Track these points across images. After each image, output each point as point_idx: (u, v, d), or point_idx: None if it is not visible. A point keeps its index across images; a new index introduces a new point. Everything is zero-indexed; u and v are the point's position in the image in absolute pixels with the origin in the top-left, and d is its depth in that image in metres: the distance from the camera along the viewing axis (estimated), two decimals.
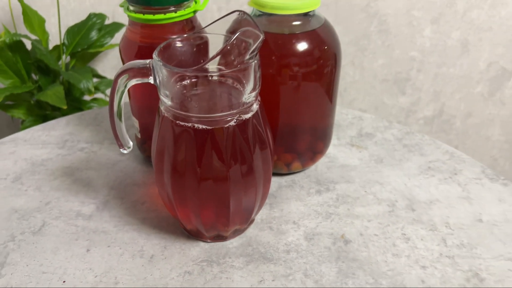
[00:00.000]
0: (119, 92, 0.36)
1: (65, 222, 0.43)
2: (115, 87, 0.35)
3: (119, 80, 0.35)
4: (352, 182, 0.48)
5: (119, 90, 0.35)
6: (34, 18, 0.75)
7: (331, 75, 0.45)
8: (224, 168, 0.35)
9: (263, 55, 0.42)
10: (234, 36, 0.31)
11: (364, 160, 0.52)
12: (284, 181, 0.49)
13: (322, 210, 0.45)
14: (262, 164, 0.38)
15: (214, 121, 0.34)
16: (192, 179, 0.35)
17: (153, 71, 0.34)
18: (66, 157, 0.52)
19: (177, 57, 0.37)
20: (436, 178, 0.49)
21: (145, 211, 0.44)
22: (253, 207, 0.39)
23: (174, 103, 0.34)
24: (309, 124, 0.47)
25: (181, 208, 0.38)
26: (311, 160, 0.49)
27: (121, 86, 0.35)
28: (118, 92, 0.36)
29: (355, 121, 0.59)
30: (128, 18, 0.44)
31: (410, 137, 0.56)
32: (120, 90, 0.36)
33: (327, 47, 0.44)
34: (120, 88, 0.35)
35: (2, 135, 0.91)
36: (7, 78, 0.73)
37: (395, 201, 0.46)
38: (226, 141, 0.35)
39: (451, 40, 0.95)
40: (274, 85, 0.43)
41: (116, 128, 0.37)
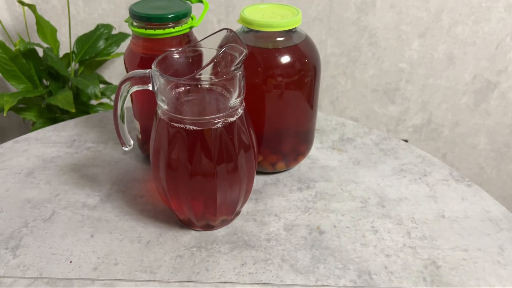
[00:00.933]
0: (122, 97, 0.41)
1: (72, 211, 0.49)
2: (119, 93, 0.41)
3: (122, 86, 0.41)
4: (330, 181, 0.54)
5: (122, 95, 0.41)
6: (46, 28, 0.81)
7: (311, 84, 0.50)
8: (212, 165, 0.41)
9: (250, 66, 0.48)
10: (221, 51, 0.37)
11: (343, 162, 0.57)
12: (269, 179, 0.54)
13: (301, 205, 0.50)
14: (246, 163, 0.43)
15: (203, 123, 0.39)
16: (184, 175, 0.41)
17: (152, 79, 0.40)
18: (73, 155, 0.58)
19: (173, 67, 0.43)
20: (407, 179, 0.54)
21: (143, 204, 0.50)
22: (238, 201, 0.45)
23: (169, 107, 0.40)
24: (292, 128, 0.52)
25: (175, 200, 0.43)
26: (294, 161, 0.54)
27: (124, 92, 0.41)
28: (121, 97, 0.41)
29: (338, 127, 0.65)
30: (132, 32, 0.49)
31: (387, 142, 0.61)
32: (123, 96, 0.41)
33: (307, 60, 0.49)
34: (123, 93, 0.41)
35: (13, 136, 0.97)
36: (21, 83, 0.79)
37: (367, 198, 0.51)
38: (214, 141, 0.40)
39: (437, 53, 1.01)
40: (260, 93, 0.48)
41: (119, 128, 0.43)
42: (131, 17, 0.48)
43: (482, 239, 0.46)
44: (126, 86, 0.41)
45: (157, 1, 0.50)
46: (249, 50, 0.48)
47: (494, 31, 0.98)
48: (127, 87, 0.41)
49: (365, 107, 1.09)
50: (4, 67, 0.77)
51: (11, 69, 0.77)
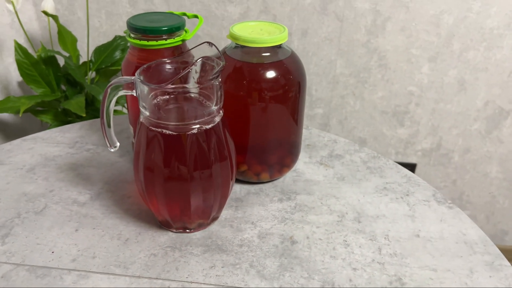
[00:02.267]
0: (108, 100, 0.44)
1: (63, 206, 0.52)
2: (106, 96, 0.44)
3: (109, 90, 0.44)
4: (312, 194, 0.55)
5: (108, 99, 0.44)
6: (67, 37, 0.87)
7: (295, 99, 0.52)
8: (186, 170, 0.43)
9: (236, 79, 0.50)
10: (194, 62, 0.40)
11: (328, 177, 0.58)
12: (253, 189, 0.56)
13: (279, 215, 0.52)
14: (222, 170, 0.45)
15: (179, 128, 0.42)
16: (160, 178, 0.43)
17: (135, 85, 0.43)
18: (73, 155, 0.61)
19: (160, 76, 0.46)
20: (388, 197, 0.55)
21: (129, 204, 0.53)
22: (212, 206, 0.47)
23: (148, 112, 0.43)
24: (276, 140, 0.54)
25: (152, 202, 0.46)
26: (279, 172, 0.56)
27: (111, 95, 0.44)
28: (108, 100, 0.44)
29: (330, 143, 0.66)
30: (129, 43, 0.53)
31: (375, 161, 0.62)
32: (109, 99, 0.44)
33: (292, 76, 0.51)
34: (109, 97, 0.44)
35: None
36: (40, 87, 0.85)
37: (345, 213, 0.52)
38: (189, 147, 0.42)
39: (448, 77, 1.01)
40: (245, 105, 0.51)
41: (105, 130, 0.46)
42: (128, 29, 0.51)
43: (453, 261, 0.46)
44: (112, 90, 0.44)
45: (154, 15, 0.53)
46: (235, 64, 0.51)
47: (507, 59, 0.97)
48: (113, 91, 0.44)
49: (374, 128, 1.09)
50: (26, 72, 0.83)
51: (32, 74, 0.83)
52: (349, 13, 0.96)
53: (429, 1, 0.93)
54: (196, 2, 0.99)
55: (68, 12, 1.02)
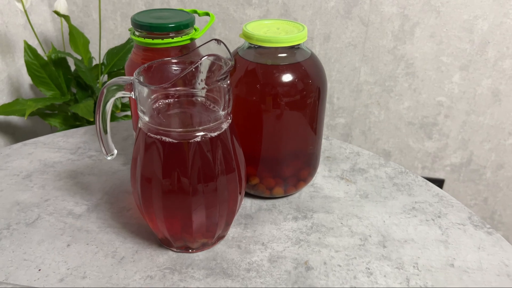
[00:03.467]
0: (103, 102, 0.40)
1: (57, 218, 0.47)
2: (101, 98, 0.40)
3: (105, 91, 0.39)
4: (331, 213, 0.49)
5: (104, 101, 0.40)
6: (79, 39, 0.84)
7: (314, 106, 0.47)
8: (187, 182, 0.38)
9: (249, 83, 0.45)
10: (198, 62, 0.35)
11: (349, 193, 0.53)
12: (265, 205, 0.50)
13: (293, 235, 0.46)
14: (228, 183, 0.40)
15: (180, 135, 0.37)
16: (158, 190, 0.38)
17: (133, 87, 0.38)
18: (74, 162, 0.57)
19: (163, 77, 0.41)
20: (417, 219, 0.49)
21: (128, 217, 0.48)
22: (217, 224, 0.41)
23: (147, 116, 0.38)
24: (292, 152, 0.49)
25: (150, 217, 0.41)
26: (294, 187, 0.51)
27: (108, 97, 0.40)
28: (103, 102, 0.40)
29: (352, 156, 0.60)
30: (134, 42, 0.49)
31: (403, 177, 0.56)
32: (105, 101, 0.40)
33: (311, 80, 0.46)
34: (106, 99, 0.40)
35: None
36: (49, 89, 0.82)
37: (368, 235, 0.46)
38: (190, 156, 0.37)
39: (481, 88, 0.94)
40: (258, 111, 0.46)
41: (101, 135, 0.42)
42: (132, 26, 0.47)
43: None
44: (110, 91, 0.40)
45: (161, 12, 0.49)
46: (248, 66, 0.46)
47: None
48: (111, 92, 0.40)
49: (399, 140, 1.03)
50: (35, 73, 0.80)
51: (41, 75, 0.80)
52: (375, 17, 0.90)
53: (462, 5, 0.87)
54: (214, 4, 0.95)
55: (83, 14, 1.00)
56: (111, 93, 0.40)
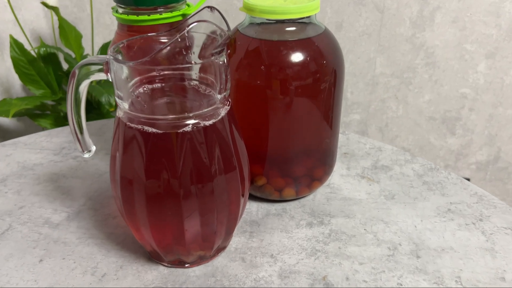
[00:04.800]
0: (75, 86, 0.33)
1: (30, 228, 0.41)
2: (72, 82, 0.33)
3: (77, 71, 0.32)
4: (351, 218, 0.42)
5: (77, 84, 0.33)
6: (70, 33, 0.77)
7: (329, 93, 0.40)
8: (177, 183, 0.31)
9: (251, 64, 0.38)
10: (183, 31, 0.28)
11: (372, 194, 0.45)
12: (274, 209, 0.43)
13: (308, 245, 0.38)
14: (227, 184, 0.33)
15: (166, 124, 0.30)
16: (141, 193, 0.31)
17: (109, 66, 0.31)
18: (57, 164, 0.50)
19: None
20: (455, 223, 0.41)
21: (113, 226, 0.41)
22: (216, 233, 0.34)
23: (126, 103, 0.31)
24: (303, 147, 0.41)
25: (133, 225, 0.34)
26: (308, 188, 0.43)
27: (81, 81, 0.33)
28: (75, 86, 0.33)
29: (373, 152, 0.53)
30: (117, 22, 0.42)
31: (433, 174, 0.48)
32: (78, 85, 0.33)
33: (326, 60, 0.39)
34: (79, 83, 0.33)
35: None
36: (39, 88, 0.75)
37: (398, 244, 0.39)
38: (179, 150, 0.30)
39: (509, 77, 0.86)
40: (263, 98, 0.39)
41: (75, 129, 0.35)
42: (115, 1, 0.40)
43: None
44: (81, 75, 0.33)
45: None
46: (249, 44, 0.38)
47: None
48: (82, 76, 0.33)
49: (419, 137, 0.95)
50: (22, 71, 0.73)
51: (29, 72, 0.74)
52: (391, 2, 0.83)
53: None
54: None
55: (77, 9, 0.93)
56: (84, 75, 0.33)
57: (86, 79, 0.33)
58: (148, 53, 0.33)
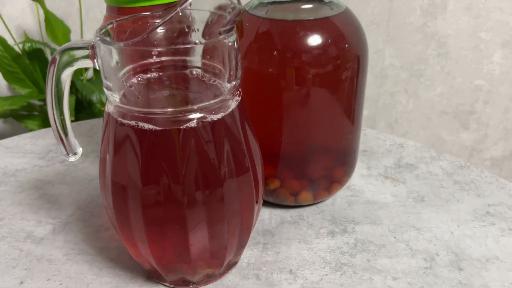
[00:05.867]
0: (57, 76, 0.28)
1: (10, 244, 0.35)
2: (52, 71, 0.27)
3: (57, 57, 0.27)
4: (379, 224, 0.37)
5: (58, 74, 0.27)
6: (57, 27, 0.72)
7: (351, 83, 0.34)
8: (180, 189, 0.26)
9: (262, 49, 0.33)
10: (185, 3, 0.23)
11: (399, 197, 0.40)
12: (289, 215, 0.38)
13: (332, 258, 0.33)
14: (239, 189, 0.28)
15: (166, 119, 0.25)
16: (137, 202, 0.26)
17: (95, 51, 0.26)
18: (42, 169, 0.45)
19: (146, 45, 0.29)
20: (496, 228, 0.36)
21: (106, 239, 0.36)
22: (226, 247, 0.29)
23: (117, 94, 0.26)
24: (322, 144, 0.36)
25: (128, 239, 0.29)
26: (326, 191, 0.38)
27: (62, 68, 0.27)
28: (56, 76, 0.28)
29: (394, 148, 0.47)
30: (106, 5, 0.36)
31: (465, 172, 0.43)
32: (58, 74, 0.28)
33: (348, 44, 0.33)
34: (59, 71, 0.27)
35: None
36: (25, 87, 0.70)
37: (435, 254, 0.33)
38: (182, 150, 0.25)
39: None
40: (276, 89, 0.33)
41: (56, 124, 0.29)
42: None
43: None
44: (63, 63, 0.27)
45: None
46: (260, 25, 0.33)
47: None
48: (64, 64, 0.27)
49: (431, 132, 0.90)
50: (6, 68, 0.68)
51: (14, 70, 0.68)
52: None
53: None
54: None
55: (65, 3, 0.88)
56: (67, 62, 0.27)
57: (68, 67, 0.27)
58: (145, 38, 0.28)
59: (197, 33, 0.25)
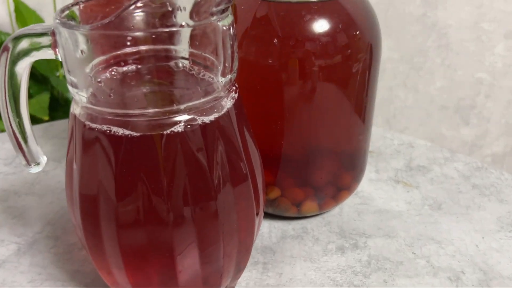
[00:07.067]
0: (10, 69, 0.22)
1: None
2: (4, 64, 0.22)
3: (9, 45, 0.22)
4: (393, 237, 0.32)
5: (11, 66, 0.22)
6: (29, 18, 0.66)
7: (363, 77, 0.30)
8: (164, 205, 0.21)
9: (261, 37, 0.28)
10: None
11: (413, 204, 0.36)
12: (291, 228, 0.33)
13: (343, 279, 0.29)
14: (236, 202, 0.23)
15: (143, 122, 0.20)
16: (109, 219, 0.21)
17: (57, 38, 0.21)
18: (8, 177, 0.39)
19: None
20: None
21: (80, 261, 0.31)
22: (222, 272, 0.24)
23: (84, 92, 0.20)
24: (328, 147, 0.32)
25: (100, 264, 0.24)
26: (333, 199, 0.33)
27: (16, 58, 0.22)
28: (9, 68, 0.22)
29: (403, 148, 0.43)
30: None
31: (483, 175, 0.39)
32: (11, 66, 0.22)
33: (359, 31, 0.29)
34: (13, 62, 0.22)
35: None
36: None
37: (460, 272, 0.29)
38: (167, 159, 0.20)
39: None
40: (277, 84, 0.29)
41: (12, 127, 0.24)
42: None
43: None
44: (17, 52, 0.22)
45: None
46: (258, 9, 0.28)
47: None
48: (19, 53, 0.22)
49: (430, 128, 0.86)
50: None
51: None
52: None
53: None
54: None
55: None
56: (22, 52, 0.22)
57: (25, 57, 0.22)
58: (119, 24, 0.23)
59: (183, 13, 0.20)
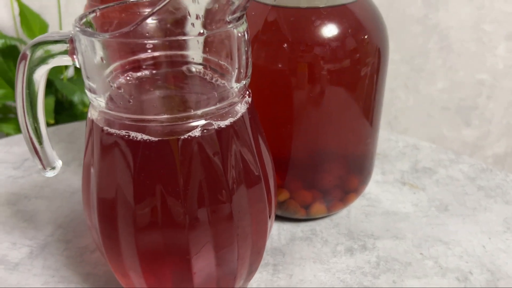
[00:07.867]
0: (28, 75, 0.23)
1: None
2: (22, 69, 0.22)
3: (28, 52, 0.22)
4: (401, 239, 0.33)
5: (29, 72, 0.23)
6: (34, 22, 0.66)
7: (371, 80, 0.30)
8: (178, 205, 0.21)
9: (270, 41, 0.29)
10: None
11: (420, 206, 0.36)
12: (300, 231, 0.34)
13: (353, 280, 0.29)
14: (250, 205, 0.23)
15: (163, 128, 0.20)
16: (127, 222, 0.22)
17: (75, 45, 0.21)
18: (17, 181, 0.40)
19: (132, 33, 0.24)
20: None
21: (92, 263, 0.31)
22: (236, 274, 0.25)
23: (102, 98, 0.21)
24: (337, 150, 0.32)
25: (116, 266, 0.24)
26: (341, 202, 0.34)
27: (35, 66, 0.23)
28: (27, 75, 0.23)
29: (408, 150, 0.44)
30: None
31: (488, 176, 0.39)
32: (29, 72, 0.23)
33: (367, 35, 0.29)
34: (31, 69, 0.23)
35: None
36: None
37: (468, 272, 0.30)
38: (183, 164, 0.21)
39: None
40: (286, 88, 0.29)
41: (30, 133, 0.24)
42: None
43: None
44: (35, 60, 0.22)
45: None
46: (268, 14, 0.29)
47: None
48: (37, 61, 0.22)
49: (431, 129, 0.87)
50: None
51: None
52: None
53: None
54: None
55: None
56: (40, 59, 0.22)
57: (43, 64, 0.23)
58: (135, 30, 0.23)
59: (198, 21, 0.20)
